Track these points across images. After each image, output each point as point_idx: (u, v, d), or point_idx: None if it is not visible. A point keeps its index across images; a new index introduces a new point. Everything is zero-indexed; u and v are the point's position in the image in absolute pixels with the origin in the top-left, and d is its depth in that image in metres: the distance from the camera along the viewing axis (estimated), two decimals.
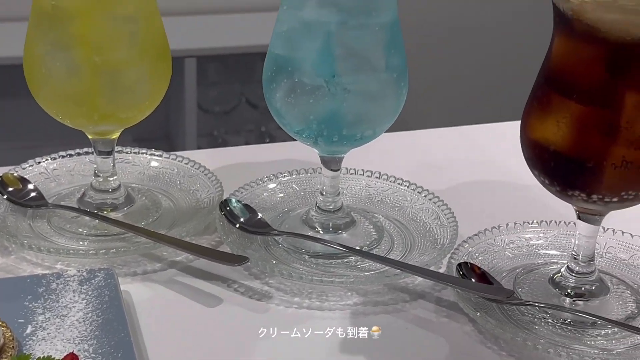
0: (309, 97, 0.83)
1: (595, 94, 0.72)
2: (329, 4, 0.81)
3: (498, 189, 1.04)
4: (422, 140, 1.16)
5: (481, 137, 1.16)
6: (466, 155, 1.12)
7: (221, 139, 2.68)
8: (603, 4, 0.68)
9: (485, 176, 1.06)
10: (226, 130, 2.71)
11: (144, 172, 1.00)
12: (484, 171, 1.07)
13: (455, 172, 1.07)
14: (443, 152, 1.12)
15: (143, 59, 0.86)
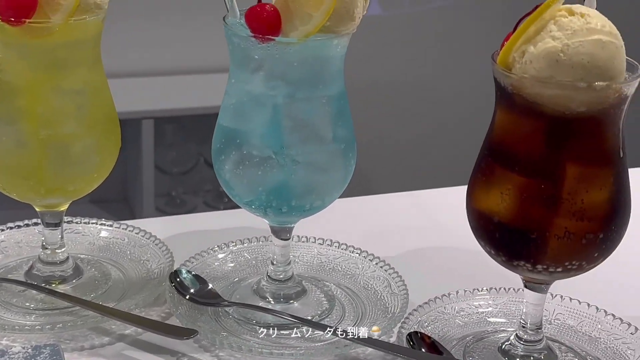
0: (257, 168, 0.83)
1: (536, 166, 0.73)
2: (276, 77, 0.82)
3: (448, 254, 1.04)
4: (373, 205, 1.17)
5: (431, 202, 1.17)
6: (416, 220, 1.12)
7: (179, 199, 2.67)
8: (541, 80, 0.70)
9: (435, 242, 1.07)
10: (184, 191, 2.70)
11: (93, 242, 0.99)
12: (434, 236, 1.08)
13: (406, 238, 1.07)
14: (394, 217, 1.13)
15: (91, 132, 0.86)
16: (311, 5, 0.78)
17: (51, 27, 0.79)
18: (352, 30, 0.82)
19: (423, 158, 3.01)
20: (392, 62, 2.87)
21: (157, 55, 2.60)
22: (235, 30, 0.81)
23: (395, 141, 2.97)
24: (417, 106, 2.96)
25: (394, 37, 2.86)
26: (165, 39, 2.60)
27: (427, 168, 2.99)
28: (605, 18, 0.71)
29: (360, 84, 2.76)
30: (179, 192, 2.68)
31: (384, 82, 2.88)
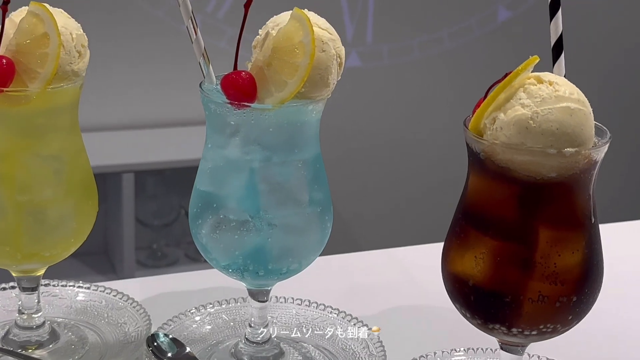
0: (234, 232, 0.84)
1: (509, 230, 0.74)
2: (252, 142, 0.82)
3: (426, 313, 1.05)
4: (351, 263, 1.17)
5: (409, 259, 1.18)
6: (394, 278, 1.13)
7: (160, 252, 2.66)
8: (512, 146, 0.71)
9: (413, 300, 1.07)
10: (166, 243, 2.70)
11: (70, 305, 0.99)
12: (412, 294, 1.08)
13: (384, 296, 1.08)
14: (371, 275, 1.14)
15: (69, 197, 0.86)
16: (286, 72, 0.79)
17: (29, 95, 0.80)
18: (327, 96, 0.83)
19: (400, 215, 3.02)
20: (369, 115, 2.90)
21: (136, 108, 2.61)
22: (212, 96, 0.82)
23: (372, 198, 2.98)
24: (395, 162, 2.98)
25: (372, 90, 2.89)
26: (145, 92, 2.61)
27: (404, 225, 3.00)
28: (573, 85, 0.72)
29: (337, 137, 2.78)
30: (160, 245, 2.68)
31: (361, 135, 2.90)
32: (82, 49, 0.83)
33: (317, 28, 0.80)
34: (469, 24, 2.93)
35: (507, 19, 2.94)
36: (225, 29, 2.61)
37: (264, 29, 0.83)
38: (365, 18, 2.79)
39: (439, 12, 2.89)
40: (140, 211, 2.57)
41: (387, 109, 2.93)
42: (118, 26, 2.52)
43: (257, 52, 0.83)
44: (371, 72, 2.87)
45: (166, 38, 2.58)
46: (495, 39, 2.95)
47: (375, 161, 2.96)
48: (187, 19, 0.82)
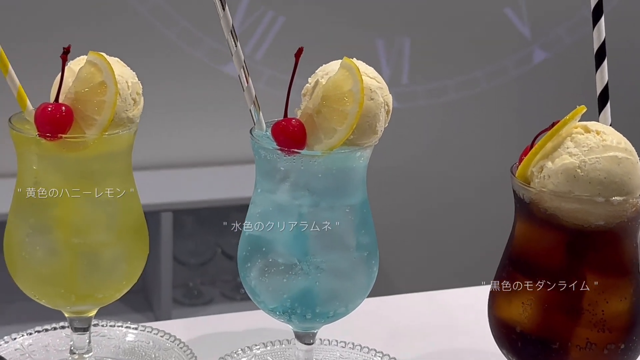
0: (282, 276, 0.85)
1: (557, 277, 0.75)
2: (301, 187, 0.84)
3: (469, 356, 1.05)
4: (395, 305, 1.18)
5: (452, 302, 1.18)
6: (437, 320, 1.13)
7: (196, 290, 2.68)
8: (560, 194, 0.72)
9: (456, 343, 1.08)
10: (202, 282, 2.72)
11: (119, 345, 1.01)
12: (455, 337, 1.09)
13: (427, 339, 1.08)
14: (415, 317, 1.14)
15: (121, 240, 0.88)
16: (335, 120, 0.81)
17: (86, 141, 0.83)
18: (375, 143, 0.85)
19: (443, 257, 3.02)
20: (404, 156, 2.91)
21: (174, 148, 2.65)
22: (262, 142, 0.84)
23: (415, 239, 2.99)
24: (431, 203, 2.99)
25: (408, 131, 2.91)
26: (182, 132, 2.65)
27: (448, 267, 3.00)
28: (620, 134, 0.73)
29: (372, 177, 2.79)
30: (196, 283, 2.69)
31: (397, 175, 2.91)
32: (137, 97, 0.86)
33: (365, 77, 0.82)
34: (504, 65, 2.94)
35: (542, 60, 2.96)
36: (263, 70, 2.64)
37: (314, 77, 0.85)
38: (402, 59, 2.81)
39: (474, 53, 2.91)
40: (178, 250, 2.59)
41: (423, 150, 2.95)
42: (157, 67, 2.56)
43: (307, 100, 0.85)
44: (407, 112, 2.89)
45: (204, 79, 2.62)
46: (531, 80, 2.96)
47: (411, 202, 2.96)
48: (240, 68, 0.84)
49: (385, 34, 2.77)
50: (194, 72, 2.61)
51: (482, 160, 2.96)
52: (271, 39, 2.66)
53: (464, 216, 3.02)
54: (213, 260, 2.66)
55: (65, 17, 2.41)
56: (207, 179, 2.61)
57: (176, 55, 2.59)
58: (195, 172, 2.65)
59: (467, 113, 2.96)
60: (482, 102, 2.96)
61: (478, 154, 2.97)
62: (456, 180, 2.99)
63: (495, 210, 2.92)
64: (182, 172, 2.64)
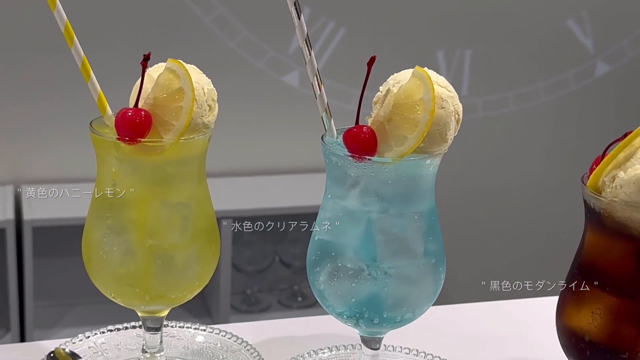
0: (351, 280, 0.87)
1: (627, 287, 0.75)
2: (370, 194, 0.86)
3: None
4: (460, 314, 1.19)
5: (518, 312, 1.18)
6: (503, 330, 1.13)
7: (254, 297, 2.71)
8: (632, 204, 0.72)
9: (522, 353, 1.08)
10: (259, 289, 2.74)
11: (188, 346, 1.03)
12: (522, 347, 1.09)
13: (492, 349, 1.08)
14: (480, 326, 1.14)
15: (194, 242, 0.90)
16: (406, 128, 0.83)
17: (163, 145, 0.85)
18: (444, 151, 0.86)
19: (510, 266, 3.00)
20: (464, 167, 2.91)
21: (237, 156, 2.69)
22: (333, 149, 0.86)
23: (480, 250, 2.98)
24: (492, 214, 2.97)
25: (467, 142, 2.90)
26: (245, 141, 2.69)
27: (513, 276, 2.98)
28: None
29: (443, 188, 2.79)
30: (253, 291, 2.72)
31: (458, 187, 2.91)
32: (212, 103, 0.88)
33: (437, 86, 0.83)
34: (566, 77, 2.92)
35: (605, 73, 2.93)
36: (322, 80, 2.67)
37: (385, 86, 0.87)
38: (462, 70, 2.81)
39: (535, 65, 2.90)
40: (237, 257, 2.62)
41: (482, 161, 2.94)
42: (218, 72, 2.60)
43: (378, 108, 0.86)
44: (466, 124, 2.88)
45: (266, 90, 2.65)
46: (592, 93, 2.94)
47: (475, 213, 2.95)
48: (313, 75, 0.86)
49: (446, 45, 2.77)
50: (257, 82, 2.65)
51: (542, 172, 2.94)
52: (332, 50, 2.69)
53: (522, 226, 3.00)
54: (271, 268, 2.69)
55: (145, 25, 2.46)
56: (267, 187, 2.64)
57: (238, 63, 2.62)
58: (255, 180, 2.68)
59: (527, 125, 2.94)
60: (542, 115, 2.94)
61: (537, 165, 2.95)
62: (515, 192, 2.97)
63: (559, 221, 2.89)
64: (242, 180, 2.67)
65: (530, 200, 2.98)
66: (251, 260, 2.66)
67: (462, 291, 2.88)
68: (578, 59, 2.92)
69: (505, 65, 2.87)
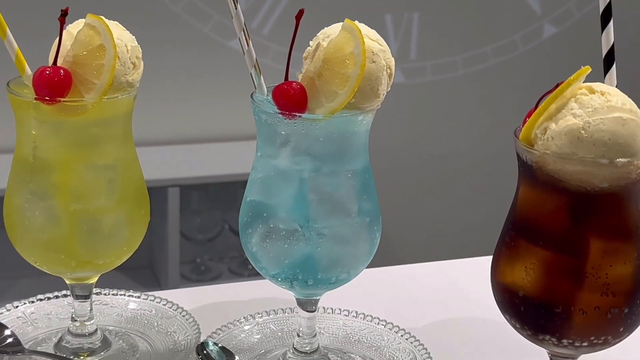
0: (284, 241, 0.84)
1: (560, 241, 0.74)
2: (302, 152, 0.83)
3: (474, 325, 1.04)
4: (398, 275, 1.18)
5: (456, 272, 1.18)
6: (442, 290, 1.13)
7: (204, 266, 2.68)
8: (563, 156, 0.71)
9: (461, 312, 1.07)
10: (209, 257, 2.72)
11: (121, 314, 1.00)
12: (460, 307, 1.08)
13: (432, 309, 1.08)
14: (419, 287, 1.14)
15: (121, 206, 0.87)
16: (337, 83, 0.80)
17: (85, 105, 0.82)
18: (377, 107, 0.84)
19: (448, 227, 3.01)
20: (413, 130, 2.90)
21: (181, 123, 2.64)
22: (263, 106, 0.83)
23: (419, 210, 2.98)
24: (440, 176, 2.98)
25: (416, 106, 2.89)
26: (189, 107, 2.64)
27: (452, 237, 2.99)
28: (625, 96, 0.72)
29: (380, 152, 2.78)
30: (204, 259, 2.70)
31: (405, 150, 2.90)
32: (137, 61, 0.85)
33: (367, 39, 0.81)
34: (513, 40, 2.92)
35: (552, 34, 2.93)
36: (270, 45, 2.63)
37: (315, 40, 0.84)
38: (410, 34, 2.79)
39: (483, 29, 2.89)
40: (185, 225, 2.59)
41: (432, 124, 2.93)
42: (164, 41, 2.55)
43: (308, 63, 0.84)
44: (415, 88, 2.87)
45: (212, 54, 2.61)
46: (540, 55, 2.94)
47: (421, 175, 2.95)
48: (240, 30, 0.83)
49: (393, 8, 2.75)
50: (204, 48, 2.60)
51: (490, 134, 2.94)
52: (278, 14, 2.65)
53: (468, 187, 3.01)
54: (220, 236, 2.66)
55: None
56: (214, 155, 2.60)
57: (183, 26, 2.57)
58: (202, 147, 2.64)
59: (476, 88, 2.94)
60: (491, 77, 2.94)
61: (486, 128, 2.95)
62: (464, 153, 2.98)
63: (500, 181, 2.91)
64: (189, 148, 2.63)
65: (480, 162, 2.99)
66: (200, 229, 2.63)
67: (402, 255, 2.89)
68: (525, 21, 2.92)
69: (453, 29, 2.86)
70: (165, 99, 2.59)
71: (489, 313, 1.04)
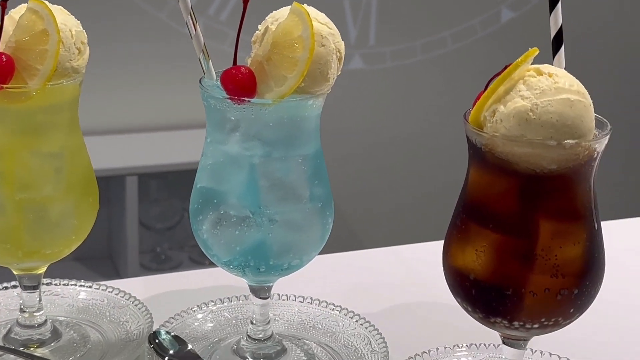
0: (235, 228, 0.84)
1: (510, 224, 0.73)
2: (252, 137, 0.82)
3: (429, 309, 1.04)
4: (353, 261, 1.17)
5: (412, 257, 1.17)
6: (397, 275, 1.13)
7: (164, 255, 2.66)
8: (512, 139, 0.71)
9: (416, 297, 1.07)
10: (169, 246, 2.70)
11: (72, 304, 0.99)
12: (415, 292, 1.08)
13: (387, 294, 1.07)
14: (374, 273, 1.13)
15: (69, 195, 0.86)
16: (286, 67, 0.79)
17: (28, 92, 0.80)
18: (327, 91, 0.83)
19: (403, 213, 3.02)
20: (372, 116, 2.90)
21: (140, 111, 2.62)
22: (211, 92, 0.82)
23: (376, 197, 2.98)
24: (399, 161, 2.98)
25: (376, 92, 2.89)
26: (149, 95, 2.62)
27: (408, 223, 3.00)
28: (573, 77, 0.72)
29: (341, 138, 2.78)
30: (164, 248, 2.68)
31: (365, 136, 2.90)
32: (82, 46, 0.83)
33: (316, 22, 0.80)
34: (472, 25, 2.93)
35: (510, 19, 2.94)
36: (227, 32, 2.61)
37: (264, 24, 0.83)
38: (368, 20, 2.79)
39: (441, 14, 2.89)
40: (144, 214, 2.57)
41: (391, 110, 2.93)
42: (123, 31, 2.52)
43: (257, 47, 0.83)
44: (374, 74, 2.87)
45: (171, 40, 2.58)
46: (499, 40, 2.95)
47: (379, 161, 2.96)
48: (187, 14, 0.82)
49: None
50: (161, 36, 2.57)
51: (449, 119, 2.95)
52: (235, 0, 2.62)
53: (427, 172, 3.02)
54: (180, 225, 2.64)
55: None
56: (173, 143, 2.58)
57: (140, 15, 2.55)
58: (161, 135, 2.62)
59: (435, 73, 2.95)
60: (450, 63, 2.94)
61: (445, 113, 2.96)
62: (425, 138, 2.99)
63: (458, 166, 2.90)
64: (147, 136, 2.61)
65: (439, 148, 3.00)
66: (159, 218, 2.61)
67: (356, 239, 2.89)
68: (483, 6, 2.92)
69: (411, 15, 2.86)
70: (125, 87, 2.56)
71: (443, 297, 1.04)
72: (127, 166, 2.39)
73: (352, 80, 2.81)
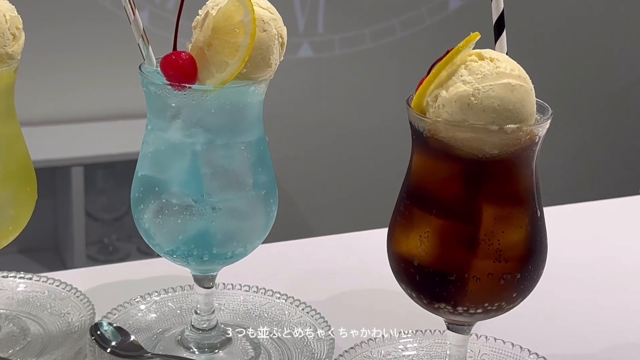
0: (177, 217, 0.82)
1: (453, 209, 0.73)
2: (194, 124, 0.81)
3: (375, 296, 1.04)
4: (299, 249, 1.17)
5: (357, 244, 1.17)
6: (343, 263, 1.12)
7: (112, 246, 2.63)
8: (454, 124, 0.71)
9: (362, 284, 1.07)
10: (117, 237, 2.66)
11: (12, 296, 0.97)
12: (361, 279, 1.08)
13: (333, 281, 1.07)
14: (320, 261, 1.13)
15: (5, 185, 0.84)
16: (227, 52, 0.78)
17: None
18: (270, 77, 0.82)
19: (348, 200, 3.02)
20: (321, 105, 2.89)
21: (85, 101, 2.57)
22: (151, 78, 0.81)
23: (325, 185, 2.98)
24: (348, 150, 2.98)
25: (325, 80, 2.88)
26: (93, 85, 2.58)
27: (353, 210, 3.00)
28: (514, 62, 0.72)
29: (289, 127, 2.77)
30: (111, 239, 2.64)
31: (313, 124, 2.89)
32: (17, 32, 0.81)
33: (257, 7, 0.79)
34: (420, 12, 2.93)
35: (458, 6, 2.95)
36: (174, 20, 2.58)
37: (204, 9, 0.82)
38: (316, 8, 2.78)
39: (389, 2, 2.89)
40: (90, 205, 2.53)
41: (340, 99, 2.93)
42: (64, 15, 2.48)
43: (197, 33, 0.81)
44: (323, 62, 2.86)
45: (113, 26, 2.54)
46: (447, 27, 2.96)
47: (328, 149, 2.95)
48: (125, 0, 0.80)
49: None
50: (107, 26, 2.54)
51: (399, 107, 2.96)
52: None
53: (376, 161, 3.03)
54: (128, 215, 2.61)
55: None
56: (120, 133, 2.55)
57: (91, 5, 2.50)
58: (106, 125, 2.58)
59: (384, 62, 2.95)
60: (399, 50, 2.95)
61: (395, 101, 2.96)
62: (375, 126, 2.99)
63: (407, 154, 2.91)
64: (93, 126, 2.57)
65: (390, 135, 3.00)
66: (106, 208, 2.58)
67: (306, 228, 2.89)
68: None
69: (360, 2, 2.85)
70: (70, 77, 2.52)
71: (389, 284, 1.04)
72: (72, 157, 2.35)
73: (301, 69, 2.80)
